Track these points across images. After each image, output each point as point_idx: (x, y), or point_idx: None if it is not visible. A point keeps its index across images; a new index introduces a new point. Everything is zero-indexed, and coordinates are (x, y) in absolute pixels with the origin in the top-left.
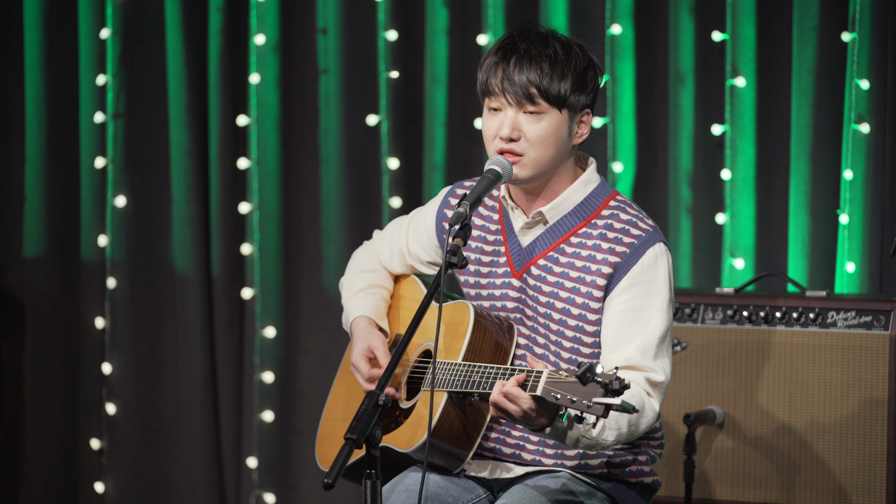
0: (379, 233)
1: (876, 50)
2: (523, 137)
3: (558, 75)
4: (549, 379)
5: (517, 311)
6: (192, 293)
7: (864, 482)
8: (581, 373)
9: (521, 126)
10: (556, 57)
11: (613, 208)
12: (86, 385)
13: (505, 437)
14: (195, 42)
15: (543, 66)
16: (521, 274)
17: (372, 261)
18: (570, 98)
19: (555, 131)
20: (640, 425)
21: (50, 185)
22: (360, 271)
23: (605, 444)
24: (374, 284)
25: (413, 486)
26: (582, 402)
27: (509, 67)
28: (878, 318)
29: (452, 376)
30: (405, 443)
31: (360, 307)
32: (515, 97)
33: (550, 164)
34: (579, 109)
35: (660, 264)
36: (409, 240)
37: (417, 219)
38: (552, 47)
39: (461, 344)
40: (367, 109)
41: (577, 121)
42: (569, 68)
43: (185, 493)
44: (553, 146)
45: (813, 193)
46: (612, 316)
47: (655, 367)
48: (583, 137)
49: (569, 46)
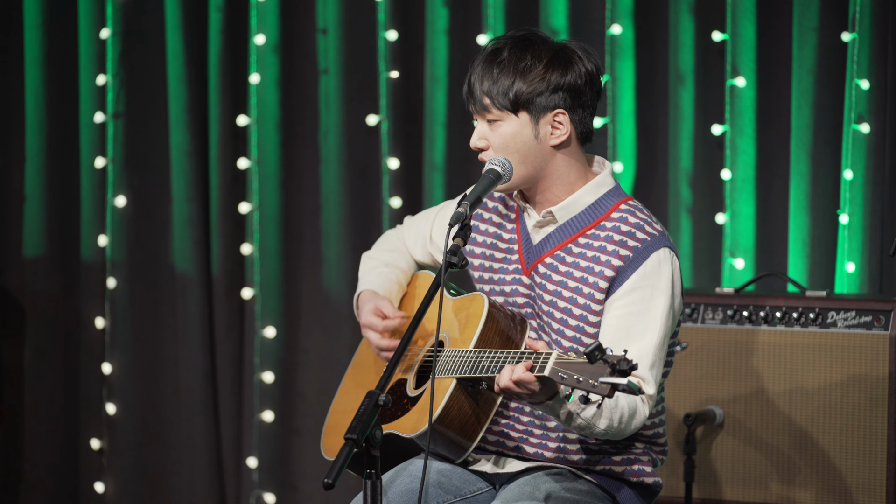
0: (410, 218)
1: (876, 50)
2: (490, 146)
3: (506, 79)
4: (557, 360)
5: (528, 306)
6: (192, 293)
7: (864, 482)
8: (590, 351)
9: (487, 135)
10: (506, 61)
11: (623, 211)
12: (86, 385)
13: (509, 431)
14: (195, 42)
15: (493, 72)
16: (531, 271)
17: (397, 242)
18: (523, 99)
19: (514, 136)
20: (630, 425)
21: (50, 185)
22: (382, 249)
23: (595, 431)
24: (391, 263)
25: (417, 473)
26: (589, 381)
27: (472, 79)
28: (878, 318)
29: (462, 362)
30: (410, 428)
31: (371, 282)
32: (475, 107)
33: (522, 168)
34: (543, 110)
35: (663, 269)
36: (434, 228)
37: (445, 210)
38: (505, 51)
39: (473, 333)
40: (367, 109)
41: (545, 122)
42: (519, 69)
43: (185, 493)
44: (517, 151)
45: (813, 193)
46: (610, 319)
47: (648, 378)
48: (560, 138)
49: (525, 47)
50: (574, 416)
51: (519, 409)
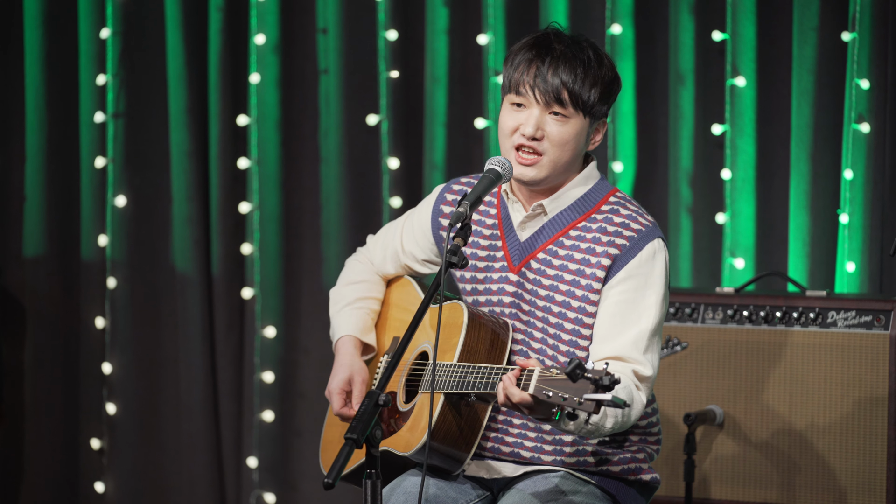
0: (372, 237)
1: (876, 50)
2: (546, 138)
3: (590, 82)
4: (540, 377)
5: (513, 305)
6: (192, 293)
7: (864, 482)
8: (570, 370)
9: (545, 126)
10: (589, 63)
11: (613, 203)
12: (86, 385)
13: (503, 436)
14: (195, 42)
15: (577, 71)
16: (520, 268)
17: (362, 270)
18: (596, 106)
19: (576, 136)
20: (631, 416)
21: (50, 184)
22: (349, 283)
23: (604, 431)
24: (362, 297)
25: (412, 489)
26: (573, 399)
27: (543, 66)
28: (879, 317)
29: (448, 377)
30: (404, 446)
31: (346, 325)
32: (545, 97)
33: (565, 166)
34: (599, 118)
35: (657, 259)
36: (404, 239)
37: (412, 218)
38: (586, 53)
39: (456, 345)
40: (367, 109)
41: (594, 128)
42: (599, 76)
43: (185, 493)
44: (572, 150)
45: (813, 193)
46: (606, 307)
47: (644, 361)
48: (595, 144)
49: (600, 55)
50: (582, 424)
51: (511, 412)
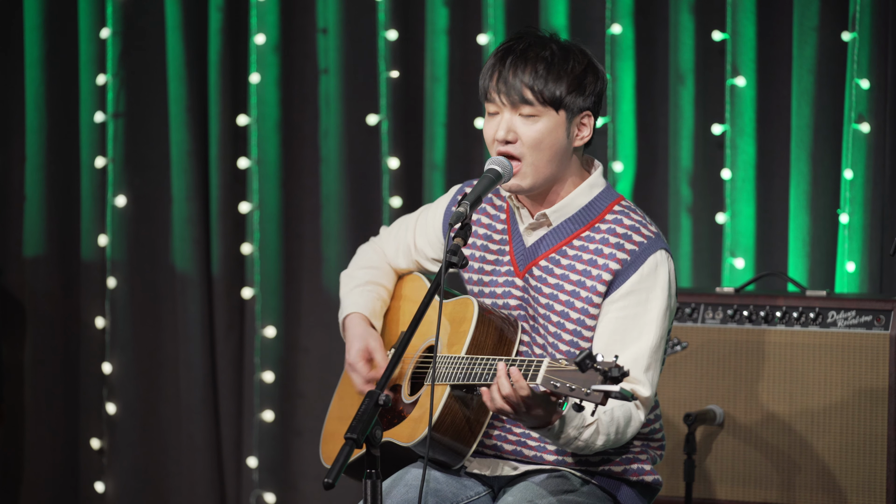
0: (386, 229)
1: (876, 50)
2: (519, 140)
3: (553, 77)
4: (549, 368)
5: (520, 308)
6: (192, 293)
7: (864, 482)
8: (580, 359)
9: (517, 128)
10: (552, 59)
11: (617, 213)
12: (86, 385)
13: (506, 435)
14: (195, 42)
15: (538, 68)
16: (524, 273)
17: (375, 257)
18: (566, 100)
19: (550, 133)
20: (627, 433)
21: (50, 184)
22: (361, 266)
23: (594, 448)
24: (373, 281)
25: (413, 482)
26: (581, 389)
27: (505, 69)
28: (879, 317)
29: (454, 370)
30: (406, 437)
31: (356, 303)
32: (510, 99)
33: (549, 168)
34: (577, 112)
35: (660, 272)
36: (417, 235)
37: (426, 215)
38: (549, 49)
39: (464, 338)
40: (367, 109)
41: (576, 123)
42: (565, 70)
43: (185, 493)
44: (549, 148)
45: (813, 193)
46: (606, 322)
47: (643, 381)
48: (583, 140)
49: (567, 49)
50: (573, 440)
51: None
